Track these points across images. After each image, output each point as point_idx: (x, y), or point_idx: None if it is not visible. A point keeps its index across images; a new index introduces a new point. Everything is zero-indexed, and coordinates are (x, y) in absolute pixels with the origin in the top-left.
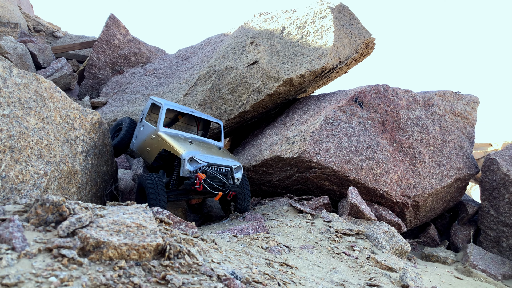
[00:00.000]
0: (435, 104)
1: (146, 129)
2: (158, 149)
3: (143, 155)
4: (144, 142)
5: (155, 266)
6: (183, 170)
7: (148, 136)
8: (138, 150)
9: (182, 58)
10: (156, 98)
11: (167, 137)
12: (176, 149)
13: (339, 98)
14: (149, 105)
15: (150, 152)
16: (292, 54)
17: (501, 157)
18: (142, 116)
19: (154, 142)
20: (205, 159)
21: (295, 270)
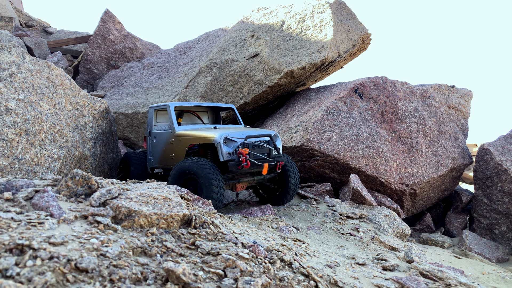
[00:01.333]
0: (431, 97)
1: (160, 138)
2: (184, 149)
3: (168, 165)
4: (164, 152)
5: (183, 233)
6: (222, 154)
7: (166, 144)
8: (159, 163)
9: (180, 52)
10: (156, 104)
11: (188, 132)
12: (205, 137)
13: (339, 89)
14: (153, 114)
15: (176, 156)
16: (292, 47)
17: (494, 147)
18: (150, 129)
19: (176, 145)
20: (240, 135)
21: (308, 245)
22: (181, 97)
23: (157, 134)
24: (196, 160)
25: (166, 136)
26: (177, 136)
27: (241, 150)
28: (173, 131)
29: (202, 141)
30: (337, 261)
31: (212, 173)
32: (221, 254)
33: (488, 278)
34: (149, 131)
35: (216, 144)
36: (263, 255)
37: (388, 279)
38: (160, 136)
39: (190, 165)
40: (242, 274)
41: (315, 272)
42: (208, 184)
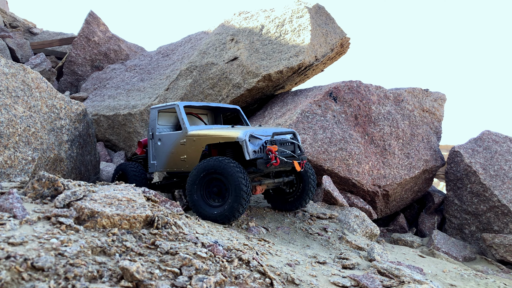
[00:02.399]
0: (405, 100)
1: (167, 140)
2: (199, 150)
3: (178, 167)
4: (173, 154)
5: (145, 234)
6: (248, 152)
7: (175, 145)
8: (166, 167)
9: (162, 54)
10: (160, 105)
11: (204, 131)
12: (227, 136)
13: (315, 93)
14: (156, 116)
15: (188, 158)
16: (270, 51)
17: (464, 149)
18: (153, 131)
19: (188, 146)
20: (263, 132)
21: (272, 245)
22: (161, 99)
23: (163, 136)
24: (222, 158)
25: (175, 138)
26: (190, 137)
27: (270, 147)
28: (185, 132)
29: (224, 140)
30: (298, 260)
31: (241, 172)
32: (179, 253)
33: (446, 276)
34: (152, 133)
35: (241, 142)
36: (221, 254)
37: (345, 277)
38: (167, 138)
39: (216, 163)
40: (197, 272)
41: (272, 270)
42: (237, 184)
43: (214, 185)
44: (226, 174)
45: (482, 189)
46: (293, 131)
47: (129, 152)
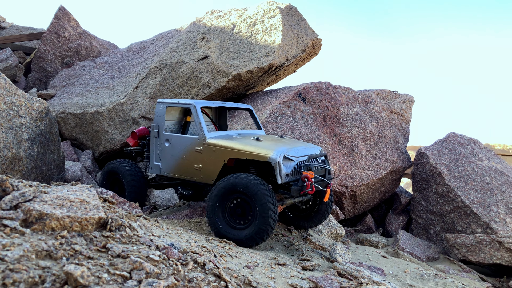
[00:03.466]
0: (373, 102)
1: (179, 143)
2: (219, 162)
3: (189, 176)
4: (184, 160)
5: (96, 236)
6: (281, 176)
7: (189, 151)
8: (174, 172)
9: (133, 52)
10: (170, 100)
11: (227, 142)
12: (257, 154)
13: (284, 93)
14: (164, 112)
15: (204, 169)
16: (241, 51)
17: (430, 151)
18: (159, 129)
19: (205, 155)
20: (296, 152)
21: (233, 246)
22: (130, 97)
23: (173, 137)
24: (250, 177)
25: (189, 142)
26: (208, 145)
27: (307, 173)
28: (202, 138)
29: (253, 158)
30: (258, 262)
31: (269, 193)
32: (130, 256)
33: (406, 276)
34: (157, 131)
35: (274, 163)
36: (176, 257)
37: (304, 279)
38: (178, 140)
39: (243, 182)
40: (147, 276)
41: (229, 273)
42: (265, 205)
43: (239, 204)
44: (253, 195)
45: (446, 190)
46: (325, 153)
47: (97, 151)
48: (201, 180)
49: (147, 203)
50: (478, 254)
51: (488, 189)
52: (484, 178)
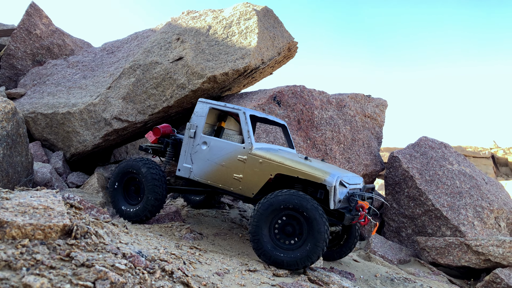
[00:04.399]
0: (347, 106)
1: (219, 148)
2: (264, 176)
3: (224, 184)
4: (223, 168)
5: (60, 244)
6: (335, 201)
7: (230, 159)
8: (209, 179)
9: (107, 51)
10: (218, 102)
11: (278, 157)
12: (312, 174)
13: (259, 96)
14: (206, 112)
15: (245, 180)
16: (217, 53)
17: (402, 155)
18: (196, 130)
19: (249, 166)
20: (349, 179)
21: (204, 252)
22: (102, 98)
23: (213, 141)
24: (304, 196)
25: (231, 149)
26: (254, 156)
27: (363, 203)
28: (248, 147)
29: (306, 177)
30: (228, 268)
31: (324, 218)
32: (95, 265)
33: (377, 281)
34: (194, 131)
35: (330, 187)
36: (143, 265)
37: (274, 285)
38: (218, 145)
39: (297, 199)
40: (112, 285)
41: (198, 281)
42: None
43: (288, 222)
44: (306, 212)
45: (418, 193)
46: (373, 186)
47: (68, 153)
48: (238, 191)
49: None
50: (447, 256)
51: (458, 193)
52: (454, 182)
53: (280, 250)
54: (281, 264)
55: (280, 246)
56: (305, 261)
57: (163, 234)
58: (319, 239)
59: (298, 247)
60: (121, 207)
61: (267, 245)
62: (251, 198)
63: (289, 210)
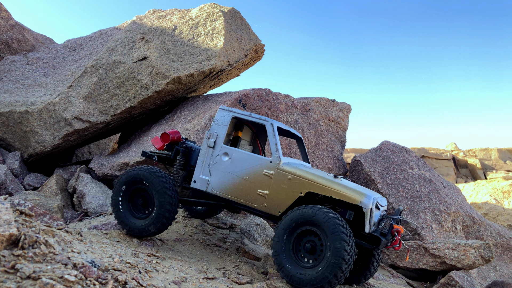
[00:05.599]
0: (312, 110)
1: (242, 160)
2: (293, 193)
3: (246, 200)
4: (247, 182)
5: (5, 256)
6: (370, 225)
7: (255, 173)
8: (230, 193)
9: (70, 49)
10: (242, 112)
11: (308, 173)
12: (347, 194)
13: (225, 99)
14: (228, 121)
15: (271, 197)
16: (182, 53)
17: (365, 159)
18: (216, 139)
19: (276, 182)
20: (381, 201)
21: (162, 260)
22: (63, 97)
23: (236, 153)
24: (325, 210)
25: (256, 163)
26: (283, 172)
27: (398, 227)
28: (276, 162)
29: (340, 198)
30: (186, 276)
31: (347, 232)
32: (41, 278)
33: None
34: (214, 140)
35: (366, 209)
36: (94, 276)
37: None
38: (242, 157)
39: (318, 213)
40: None
41: None
42: (340, 246)
43: (308, 240)
44: (325, 229)
45: None
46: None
47: (26, 153)
48: (263, 208)
49: (78, 209)
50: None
51: (417, 197)
52: (414, 186)
53: (299, 269)
54: (299, 284)
55: (300, 265)
56: (322, 285)
57: (121, 240)
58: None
59: (317, 266)
60: (127, 221)
61: (286, 263)
62: (276, 216)
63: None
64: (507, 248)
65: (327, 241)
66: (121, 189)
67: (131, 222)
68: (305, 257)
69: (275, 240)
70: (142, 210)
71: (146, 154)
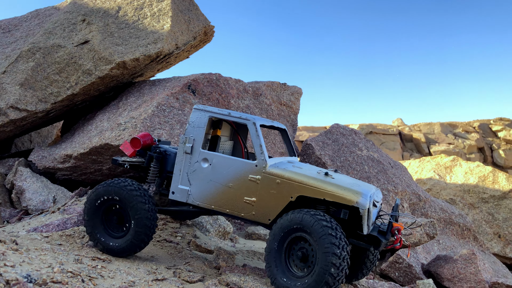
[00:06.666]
0: (263, 94)
1: (223, 165)
2: (283, 198)
3: (235, 211)
4: (231, 190)
5: None
6: (368, 226)
7: (240, 179)
8: (213, 203)
9: (3, 30)
10: (219, 110)
11: (297, 175)
12: (341, 195)
13: (173, 84)
14: (204, 122)
15: (260, 204)
16: (127, 36)
17: (315, 142)
18: (193, 144)
19: (263, 187)
20: (377, 196)
21: (108, 263)
22: None
23: (217, 158)
24: (313, 213)
25: (240, 167)
26: (270, 176)
27: (398, 225)
28: (262, 165)
29: (334, 199)
30: (134, 280)
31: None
32: None
33: None
34: (192, 145)
35: (363, 210)
36: None
37: None
38: (224, 162)
39: (304, 218)
40: None
41: None
42: (326, 249)
43: (299, 248)
44: (312, 232)
45: None
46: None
47: None
48: (251, 217)
49: (18, 206)
50: None
51: (366, 178)
52: (363, 167)
53: (290, 280)
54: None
55: (293, 274)
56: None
57: (63, 243)
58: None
59: (307, 276)
60: (103, 242)
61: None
62: (267, 224)
63: (299, 231)
64: (449, 222)
65: (316, 246)
66: (91, 207)
67: (108, 243)
68: (298, 266)
69: (266, 251)
70: (118, 228)
71: (116, 162)
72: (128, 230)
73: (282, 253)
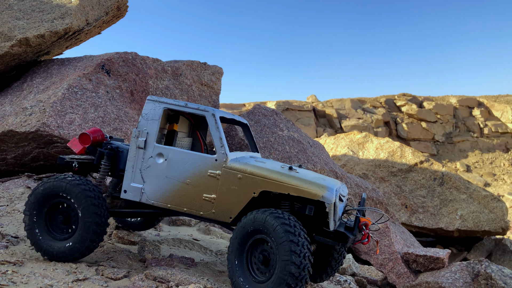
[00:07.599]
0: (183, 74)
1: (181, 161)
2: (245, 194)
3: (193, 209)
4: (189, 187)
5: None
6: (335, 221)
7: (199, 174)
8: (169, 202)
9: None
10: (174, 101)
11: (260, 169)
12: (305, 189)
13: (85, 64)
14: (159, 115)
15: (220, 201)
16: (29, 10)
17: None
18: (146, 138)
19: (223, 183)
20: (343, 190)
21: (20, 266)
22: None
23: (172, 152)
24: (272, 211)
25: (198, 162)
26: (230, 170)
27: (365, 220)
28: (222, 159)
29: (298, 193)
30: (52, 283)
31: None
32: None
33: (217, 261)
34: (145, 139)
35: (329, 204)
36: None
37: None
38: (180, 157)
39: (268, 218)
40: None
41: None
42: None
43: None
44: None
45: None
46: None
47: None
48: (211, 216)
49: None
50: None
51: (288, 157)
52: (284, 148)
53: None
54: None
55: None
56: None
57: None
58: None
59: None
60: (44, 243)
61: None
62: (228, 223)
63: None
64: None
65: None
66: (34, 207)
67: (48, 245)
68: (260, 270)
69: (228, 250)
70: (62, 229)
71: (63, 160)
72: (74, 233)
73: (244, 255)
